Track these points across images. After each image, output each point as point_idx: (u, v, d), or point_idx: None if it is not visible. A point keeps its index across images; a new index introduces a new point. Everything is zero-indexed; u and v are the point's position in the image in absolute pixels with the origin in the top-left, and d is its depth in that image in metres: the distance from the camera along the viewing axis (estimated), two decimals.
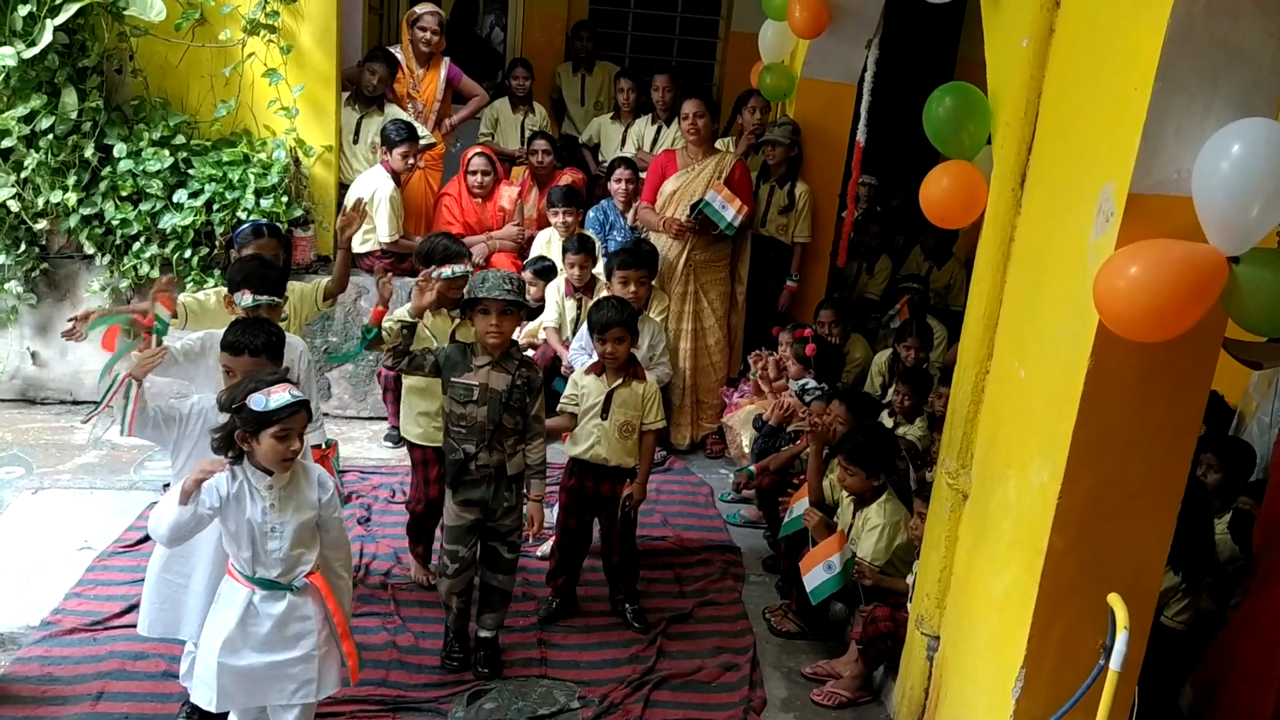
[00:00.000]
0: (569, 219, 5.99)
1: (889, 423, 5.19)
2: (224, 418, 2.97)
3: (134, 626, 3.91)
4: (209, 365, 3.53)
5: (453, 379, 3.76)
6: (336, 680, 3.12)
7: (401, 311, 3.99)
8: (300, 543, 2.97)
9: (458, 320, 4.22)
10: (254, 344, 3.20)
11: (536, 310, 5.83)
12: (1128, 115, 2.51)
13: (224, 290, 4.12)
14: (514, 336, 3.87)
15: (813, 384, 5.35)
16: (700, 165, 5.89)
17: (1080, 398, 2.67)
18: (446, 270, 4.10)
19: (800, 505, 4.28)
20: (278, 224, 4.87)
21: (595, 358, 4.35)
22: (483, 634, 4.00)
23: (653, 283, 5.73)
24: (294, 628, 2.99)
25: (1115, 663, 2.60)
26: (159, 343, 3.47)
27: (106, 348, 3.69)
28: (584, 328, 5.02)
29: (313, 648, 3.02)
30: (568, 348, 5.57)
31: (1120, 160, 2.53)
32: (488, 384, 3.73)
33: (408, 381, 4.30)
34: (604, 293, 5.37)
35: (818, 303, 6.34)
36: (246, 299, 3.62)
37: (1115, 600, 2.65)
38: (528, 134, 7.08)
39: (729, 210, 5.69)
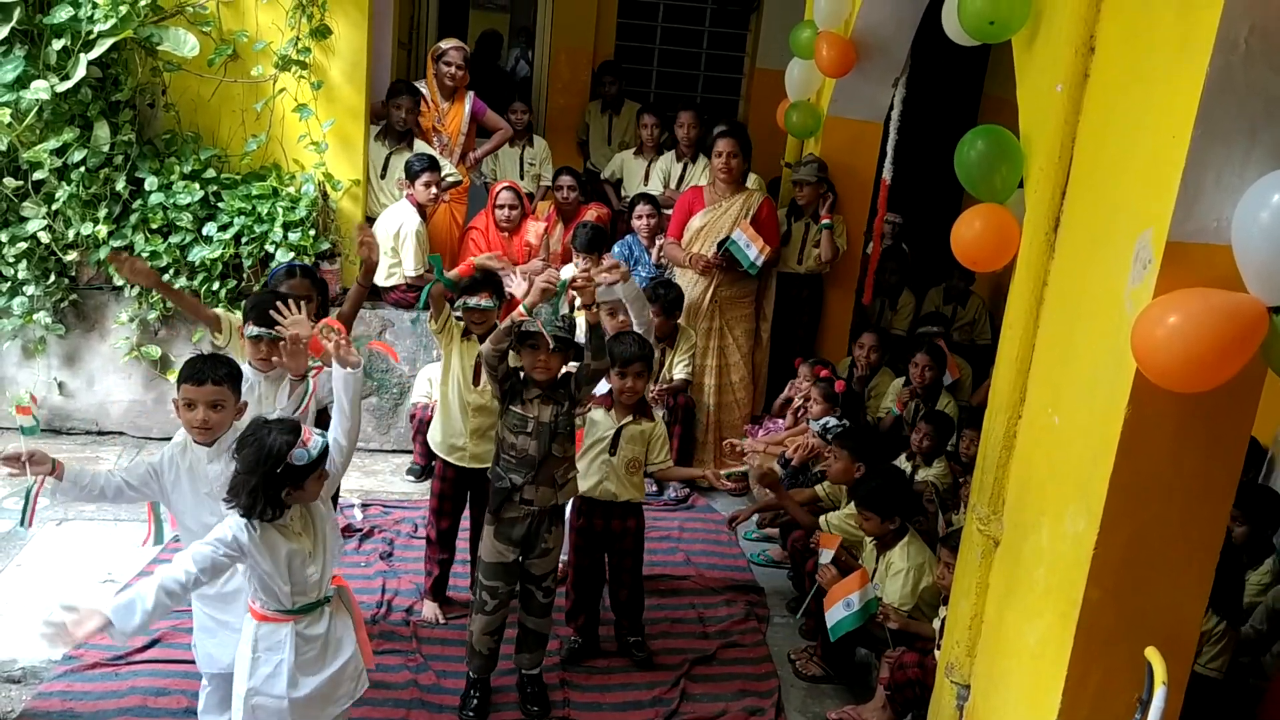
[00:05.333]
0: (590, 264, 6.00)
1: (907, 465, 5.15)
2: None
3: (156, 662, 3.95)
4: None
5: (510, 406, 3.76)
6: (367, 657, 3.20)
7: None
8: (329, 553, 3.03)
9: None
10: (217, 374, 3.20)
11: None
12: (1166, 162, 2.48)
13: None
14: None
15: (834, 422, 5.32)
16: (728, 202, 5.90)
17: (1117, 446, 2.63)
18: (472, 300, 4.20)
19: (826, 555, 4.24)
20: (311, 265, 4.90)
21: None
22: (527, 672, 3.97)
23: (679, 320, 5.72)
24: (337, 634, 3.06)
25: (1153, 717, 2.54)
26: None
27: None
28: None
29: (354, 644, 3.11)
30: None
31: (1158, 207, 2.50)
32: (539, 417, 3.72)
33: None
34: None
35: (848, 334, 6.34)
36: (251, 329, 3.66)
37: (1153, 654, 2.60)
38: (527, 166, 7.17)
39: (752, 250, 5.69)
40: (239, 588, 3.17)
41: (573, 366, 3.84)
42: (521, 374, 3.78)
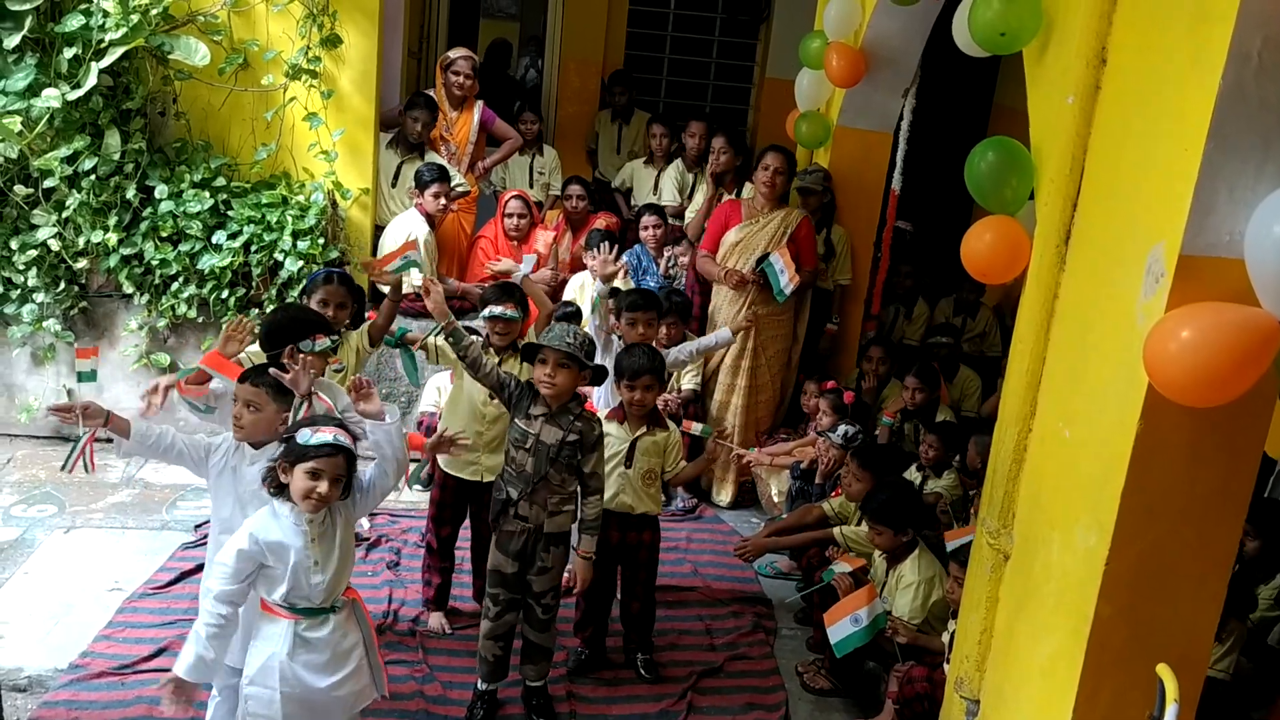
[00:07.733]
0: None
1: (917, 476, 5.13)
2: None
3: (163, 671, 3.90)
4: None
5: (515, 418, 3.76)
6: (382, 683, 3.21)
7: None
8: (340, 568, 3.05)
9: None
10: (257, 377, 3.32)
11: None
12: (1178, 176, 2.47)
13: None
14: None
15: (854, 430, 5.29)
16: (766, 219, 5.80)
17: (1129, 461, 2.61)
18: (496, 309, 4.20)
19: (841, 566, 4.22)
20: (348, 271, 4.93)
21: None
22: (532, 684, 3.96)
23: (687, 333, 5.69)
24: (342, 645, 3.07)
25: None
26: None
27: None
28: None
29: (361, 657, 3.11)
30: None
31: (1171, 221, 2.49)
32: (539, 435, 3.70)
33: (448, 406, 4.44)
34: None
35: (859, 345, 6.29)
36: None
37: (1165, 671, 2.57)
38: (536, 175, 7.18)
39: (784, 276, 5.57)
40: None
41: (586, 390, 3.81)
42: (529, 387, 3.78)
